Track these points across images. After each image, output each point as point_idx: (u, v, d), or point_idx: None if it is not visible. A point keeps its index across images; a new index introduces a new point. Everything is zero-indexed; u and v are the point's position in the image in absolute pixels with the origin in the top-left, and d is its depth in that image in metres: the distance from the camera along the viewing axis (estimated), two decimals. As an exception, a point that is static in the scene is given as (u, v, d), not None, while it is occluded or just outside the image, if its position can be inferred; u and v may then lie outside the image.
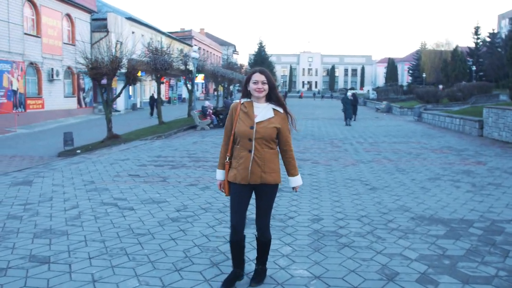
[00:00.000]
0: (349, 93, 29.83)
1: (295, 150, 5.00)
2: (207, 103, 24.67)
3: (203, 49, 69.80)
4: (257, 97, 4.21)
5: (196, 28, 79.92)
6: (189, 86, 31.32)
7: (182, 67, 31.96)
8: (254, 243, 4.93)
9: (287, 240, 5.72)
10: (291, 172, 4.36)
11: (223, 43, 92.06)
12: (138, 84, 45.40)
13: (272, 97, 4.27)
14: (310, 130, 22.46)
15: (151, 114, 35.44)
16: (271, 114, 4.21)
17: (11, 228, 6.29)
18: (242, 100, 4.29)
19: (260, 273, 4.47)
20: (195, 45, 63.84)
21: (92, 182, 9.54)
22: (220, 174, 4.37)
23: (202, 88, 70.01)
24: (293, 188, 4.43)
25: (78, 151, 16.39)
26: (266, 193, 4.21)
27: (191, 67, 30.45)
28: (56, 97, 32.43)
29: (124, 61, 19.52)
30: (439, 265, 4.92)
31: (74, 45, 33.87)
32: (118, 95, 20.09)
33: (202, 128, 22.73)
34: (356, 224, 6.38)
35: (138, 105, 45.41)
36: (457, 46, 72.94)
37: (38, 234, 5.98)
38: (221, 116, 24.25)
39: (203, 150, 14.78)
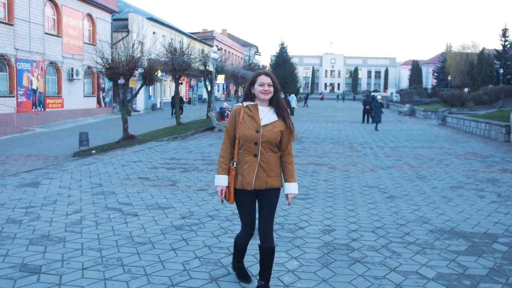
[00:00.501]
0: (379, 96, 28.01)
1: (313, 154, 4.87)
2: (225, 104, 24.36)
3: (225, 50, 69.70)
4: (262, 100, 4.05)
5: (218, 29, 79.92)
6: (208, 87, 31.16)
7: (202, 68, 31.81)
8: (258, 257, 4.56)
9: (294, 253, 5.33)
10: (288, 178, 4.13)
11: (245, 44, 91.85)
12: (158, 84, 45.84)
13: (273, 100, 4.07)
14: (329, 133, 21.99)
15: (172, 114, 35.56)
16: (275, 117, 4.06)
17: (9, 233, 6.03)
18: (246, 103, 4.11)
19: None
20: (216, 45, 63.86)
21: (99, 185, 9.28)
22: (222, 180, 4.13)
23: (224, 89, 69.90)
24: (287, 196, 4.15)
25: (93, 151, 16.25)
26: (270, 198, 4.07)
27: (210, 67, 30.27)
28: (76, 97, 32.56)
29: (142, 61, 19.35)
30: (458, 286, 4.48)
31: (94, 45, 33.95)
32: (135, 96, 19.94)
33: (220, 130, 22.41)
34: (370, 237, 5.96)
35: (158, 105, 45.40)
36: (483, 49, 71.41)
37: (34, 241, 5.70)
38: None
39: (218, 153, 14.41)
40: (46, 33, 28.85)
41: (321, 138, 19.49)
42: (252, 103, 4.07)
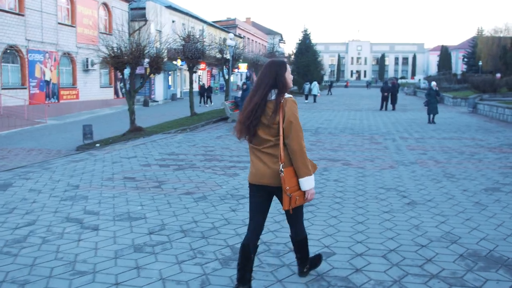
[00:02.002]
0: (433, 83, 22.44)
1: (327, 147, 4.90)
2: (240, 93, 23.02)
3: (247, 38, 68.21)
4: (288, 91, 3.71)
5: (242, 18, 78.40)
6: (226, 75, 29.87)
7: (219, 56, 30.53)
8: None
9: (275, 292, 4.03)
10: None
11: (269, 32, 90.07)
12: (178, 74, 44.78)
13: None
14: (350, 123, 20.47)
15: (200, 102, 35.67)
16: None
17: None
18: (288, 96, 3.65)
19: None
20: (239, 33, 62.40)
21: (76, 187, 8.11)
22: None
23: (247, 77, 68.54)
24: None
25: (97, 144, 15.25)
26: None
27: (228, 55, 28.95)
28: (92, 88, 31.69)
29: (150, 49, 18.19)
30: None
31: (111, 35, 32.95)
32: (142, 86, 18.84)
33: (233, 120, 21.11)
34: (380, 265, 4.60)
35: (179, 95, 44.34)
36: (517, 32, 68.24)
37: (-46, 268, 4.54)
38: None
39: (224, 146, 13.19)
40: (59, 23, 27.93)
41: (340, 128, 18.02)
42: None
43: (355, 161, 10.68)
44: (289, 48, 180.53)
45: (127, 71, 18.45)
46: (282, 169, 3.49)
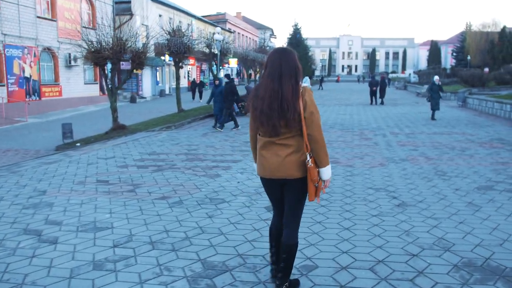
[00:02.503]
0: (436, 78, 20.50)
1: None
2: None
3: (238, 33, 67.56)
4: None
5: (233, 12, 77.70)
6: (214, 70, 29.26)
7: (206, 50, 29.91)
8: None
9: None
10: None
11: (260, 27, 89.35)
12: (166, 70, 44.09)
13: None
14: (340, 118, 20.02)
15: (193, 98, 35.52)
16: None
17: None
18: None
19: None
20: (229, 28, 61.74)
21: (42, 193, 7.57)
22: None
23: (238, 72, 67.83)
24: None
25: (78, 144, 14.67)
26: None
27: (216, 50, 28.34)
28: (75, 84, 30.99)
29: (131, 43, 17.59)
30: None
31: (94, 29, 32.24)
32: (124, 82, 18.21)
33: (220, 117, 20.59)
34: (366, 280, 4.11)
35: (167, 91, 43.68)
36: (504, 27, 67.98)
37: None
38: (244, 103, 22.04)
39: (208, 145, 12.68)
40: (38, 17, 27.19)
41: (330, 124, 17.57)
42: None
43: (344, 159, 10.21)
44: (280, 43, 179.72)
45: (109, 67, 17.84)
46: (309, 159, 3.43)
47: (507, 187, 7.44)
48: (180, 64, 24.34)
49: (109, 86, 17.48)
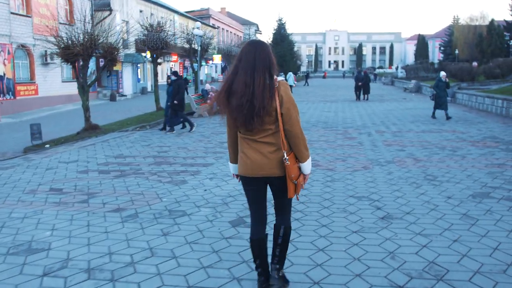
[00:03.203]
0: (443, 74, 17.93)
1: None
2: (207, 85, 21.61)
3: (222, 29, 66.53)
4: None
5: (217, 8, 76.61)
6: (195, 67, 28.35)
7: (187, 46, 29.00)
8: None
9: None
10: None
11: (245, 22, 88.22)
12: (148, 66, 42.97)
13: None
14: (324, 115, 19.22)
15: None
16: None
17: None
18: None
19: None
20: (213, 24, 60.69)
21: (-18, 205, 6.67)
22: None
23: (222, 69, 66.83)
24: None
25: (47, 145, 13.73)
26: None
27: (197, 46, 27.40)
28: (53, 82, 29.82)
29: (103, 39, 16.62)
30: None
31: (72, 25, 31.13)
32: (96, 80, 17.39)
33: (200, 115, 19.74)
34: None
35: (149, 89, 42.58)
36: (493, 20, 67.67)
37: None
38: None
39: (181, 146, 11.81)
40: (12, 13, 26.03)
41: (313, 122, 16.75)
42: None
43: (325, 161, 9.39)
44: (265, 38, 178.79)
45: (92, 64, 16.89)
46: (287, 157, 3.30)
47: (506, 194, 6.66)
48: (159, 60, 23.37)
49: (81, 84, 16.50)
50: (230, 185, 7.54)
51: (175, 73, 15.57)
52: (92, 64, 32.50)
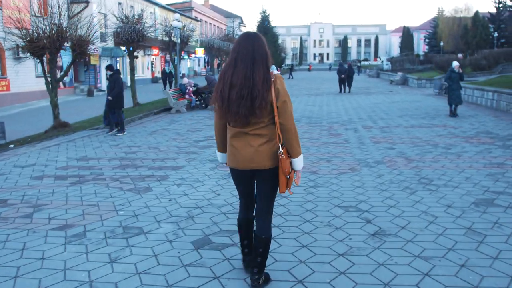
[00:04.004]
0: (455, 64, 15.93)
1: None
2: (185, 79, 20.55)
3: (205, 21, 65.29)
4: None
5: (200, 0, 75.16)
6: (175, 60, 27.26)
7: (166, 39, 27.92)
8: None
9: None
10: None
11: (228, 15, 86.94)
12: (128, 60, 41.68)
13: None
14: (309, 109, 18.35)
15: (165, 88, 32.96)
16: None
17: None
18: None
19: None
20: (196, 17, 59.41)
21: None
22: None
23: (205, 63, 65.65)
24: None
25: (12, 145, 12.63)
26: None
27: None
28: (26, 78, 28.53)
29: (71, 32, 15.53)
30: None
31: (46, 18, 29.84)
32: (65, 75, 16.32)
33: (178, 111, 18.74)
34: None
35: (129, 83, 41.24)
36: (477, 12, 67.34)
37: None
38: (204, 95, 20.20)
39: (152, 146, 10.85)
40: (-20, 5, 24.74)
41: (296, 117, 15.84)
42: None
43: (308, 162, 8.50)
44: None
45: (68, 58, 15.82)
46: (282, 150, 3.31)
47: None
48: (135, 53, 22.29)
49: (48, 79, 15.45)
50: (199, 193, 6.62)
51: (109, 67, 13.81)
52: (67, 58, 31.39)
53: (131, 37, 20.26)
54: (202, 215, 5.65)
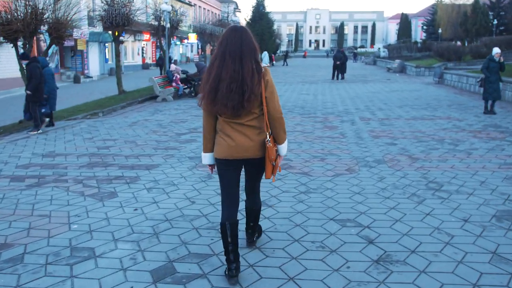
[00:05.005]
0: (496, 50, 13.29)
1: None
2: (173, 66, 19.46)
3: (199, 6, 63.89)
4: None
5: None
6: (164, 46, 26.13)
7: (155, 23, 26.78)
8: None
9: None
10: None
11: (223, 0, 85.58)
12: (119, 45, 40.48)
13: None
14: (302, 99, 17.36)
15: (161, 73, 30.94)
16: None
17: None
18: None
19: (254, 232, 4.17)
20: (189, 1, 58.07)
21: None
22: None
23: (198, 49, 64.33)
24: None
25: (-20, 137, 11.58)
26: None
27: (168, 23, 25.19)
28: (7, 64, 27.31)
29: (49, 14, 14.42)
30: None
31: (30, 2, 28.58)
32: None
33: (164, 99, 17.70)
34: None
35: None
36: (477, -1, 66.26)
37: None
38: (193, 83, 19.14)
39: (129, 139, 9.86)
40: (-42, -14, 23.46)
41: (289, 107, 14.87)
42: None
43: (299, 161, 7.55)
44: (243, 17, 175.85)
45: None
46: (269, 139, 3.45)
47: (540, 214, 4.90)
48: (121, 38, 21.17)
49: (22, 65, 14.34)
50: (171, 200, 5.66)
51: (23, 55, 12.23)
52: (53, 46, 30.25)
53: (115, 21, 19.11)
54: (170, 231, 4.70)
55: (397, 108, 14.10)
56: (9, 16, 13.80)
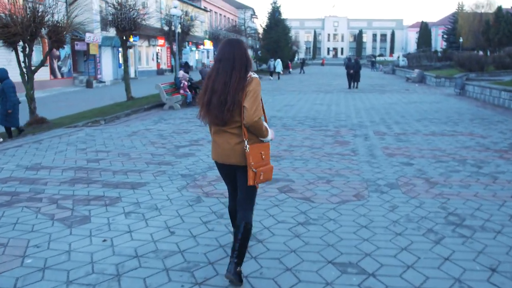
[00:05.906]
0: None
1: (272, 152, 4.47)
2: (180, 73, 18.78)
3: (215, 12, 63.46)
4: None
5: (209, -10, 73.34)
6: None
7: (166, 28, 26.22)
8: None
9: None
10: None
11: (240, 6, 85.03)
12: (131, 51, 40.07)
13: None
14: (315, 109, 16.52)
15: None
16: None
17: None
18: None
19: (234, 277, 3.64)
20: (205, 7, 57.63)
21: None
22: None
23: (214, 55, 63.87)
24: None
25: (-23, 144, 11.04)
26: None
27: (178, 28, 24.63)
28: (16, 67, 27.03)
29: (49, 17, 13.87)
30: None
31: (41, 3, 28.27)
32: (41, 65, 14.50)
33: (171, 107, 17.04)
34: None
35: (132, 75, 39.74)
36: (500, 7, 64.68)
37: None
38: (198, 90, 18.45)
39: (123, 151, 9.17)
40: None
41: (300, 118, 14.07)
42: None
43: (302, 182, 6.75)
44: (260, 23, 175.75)
45: (67, 48, 14.17)
46: (248, 145, 3.50)
47: None
48: (132, 43, 20.63)
49: (23, 69, 13.88)
50: (149, 230, 4.91)
51: None
52: (67, 48, 29.85)
53: (121, 25, 18.53)
54: (136, 272, 3.94)
55: (415, 122, 13.21)
56: (8, 19, 13.32)
